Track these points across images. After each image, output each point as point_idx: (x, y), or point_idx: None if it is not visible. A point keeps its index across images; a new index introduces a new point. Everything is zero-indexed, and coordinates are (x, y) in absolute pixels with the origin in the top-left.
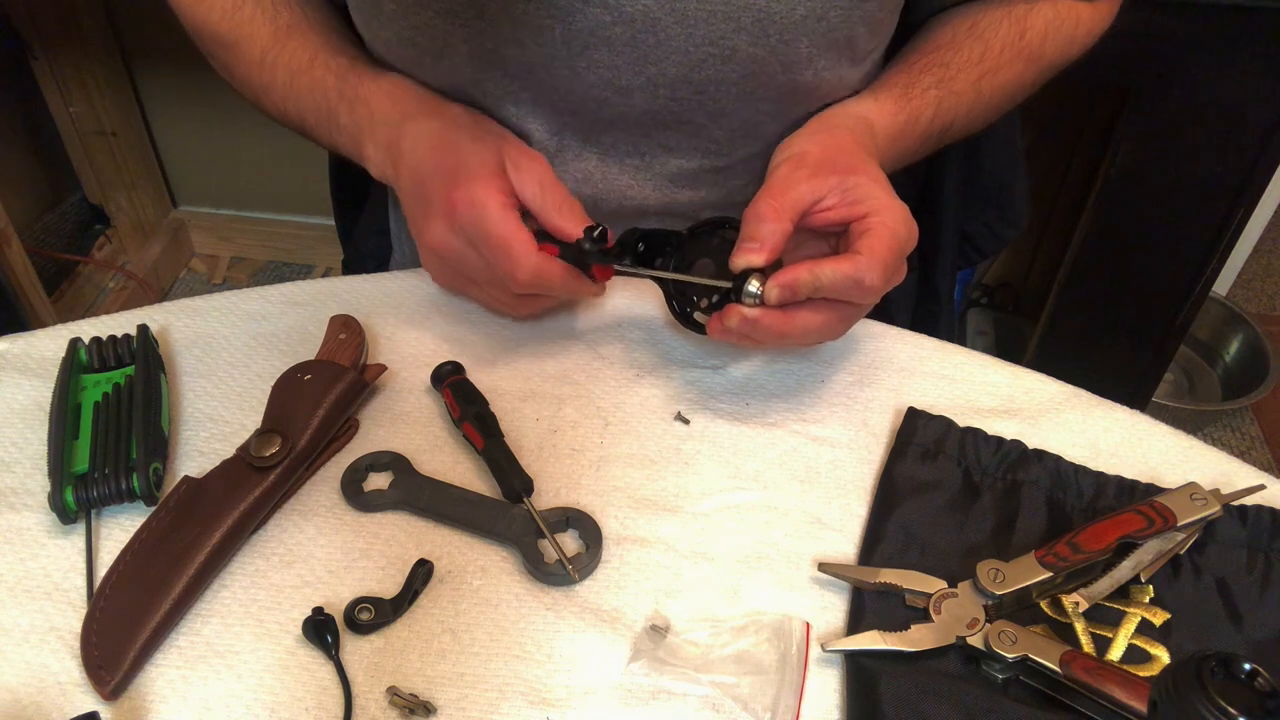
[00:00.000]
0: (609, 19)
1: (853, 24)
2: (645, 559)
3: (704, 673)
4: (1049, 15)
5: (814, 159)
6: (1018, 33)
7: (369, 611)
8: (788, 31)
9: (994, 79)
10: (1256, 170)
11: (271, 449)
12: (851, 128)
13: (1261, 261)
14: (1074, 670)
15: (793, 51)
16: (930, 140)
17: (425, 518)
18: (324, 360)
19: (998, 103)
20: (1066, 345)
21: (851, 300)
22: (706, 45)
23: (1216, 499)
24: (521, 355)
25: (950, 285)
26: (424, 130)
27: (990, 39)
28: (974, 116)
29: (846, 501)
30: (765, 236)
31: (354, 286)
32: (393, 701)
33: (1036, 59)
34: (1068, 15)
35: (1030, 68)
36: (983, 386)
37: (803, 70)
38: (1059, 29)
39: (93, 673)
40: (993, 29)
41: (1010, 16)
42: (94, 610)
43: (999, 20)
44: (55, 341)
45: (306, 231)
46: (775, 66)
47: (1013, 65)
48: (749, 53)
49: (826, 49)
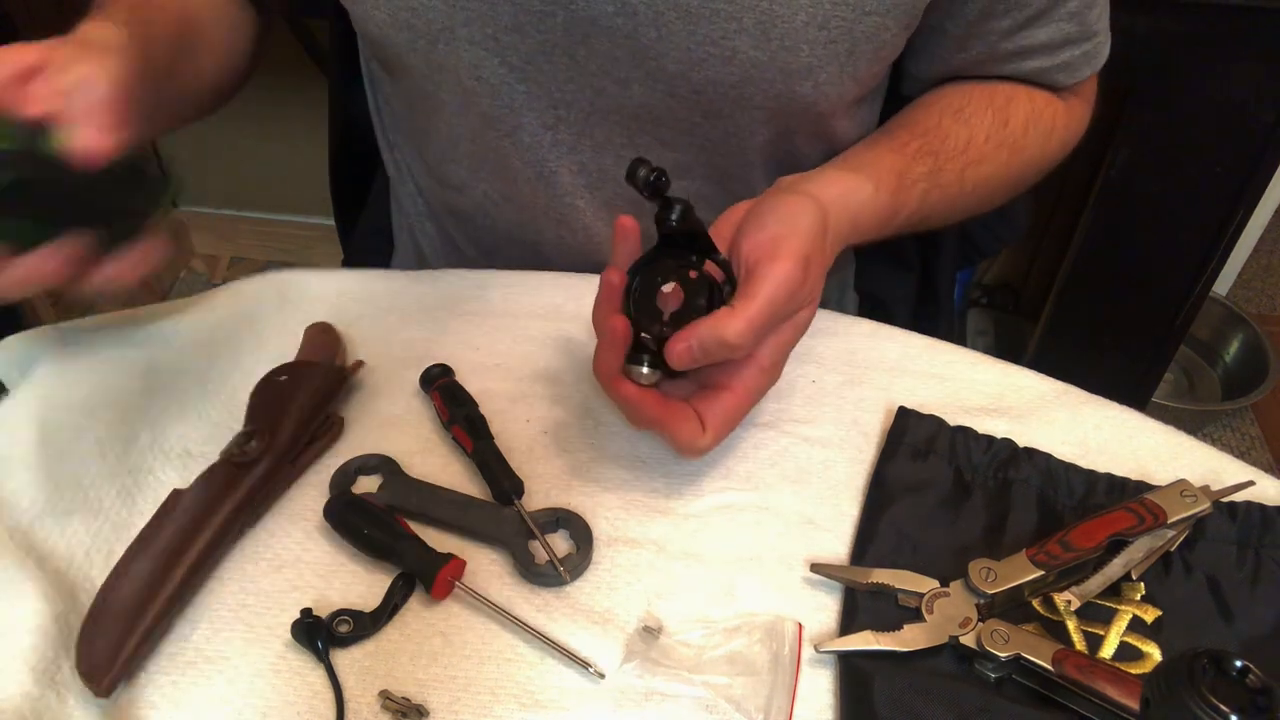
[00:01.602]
0: (611, 9)
1: (855, 37)
2: (637, 560)
3: (697, 674)
4: (1028, 108)
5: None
6: (1000, 121)
7: (348, 624)
8: (789, 37)
9: (978, 170)
10: (1256, 170)
11: (251, 446)
12: (836, 218)
13: (1261, 261)
14: (1066, 668)
15: (793, 58)
16: (909, 224)
17: (415, 521)
18: (302, 362)
19: (979, 196)
20: (1066, 345)
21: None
22: (708, 44)
23: (1206, 496)
24: (511, 357)
25: (950, 285)
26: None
27: (975, 127)
28: (954, 210)
29: (838, 502)
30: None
31: (342, 287)
32: (385, 705)
33: (1019, 150)
34: (1044, 109)
35: (1014, 158)
36: (973, 384)
37: (802, 80)
38: (1037, 122)
39: (84, 675)
40: (978, 116)
41: (993, 105)
42: (88, 618)
43: (983, 109)
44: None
45: (306, 231)
46: (775, 73)
47: (997, 154)
48: (749, 56)
49: (828, 60)
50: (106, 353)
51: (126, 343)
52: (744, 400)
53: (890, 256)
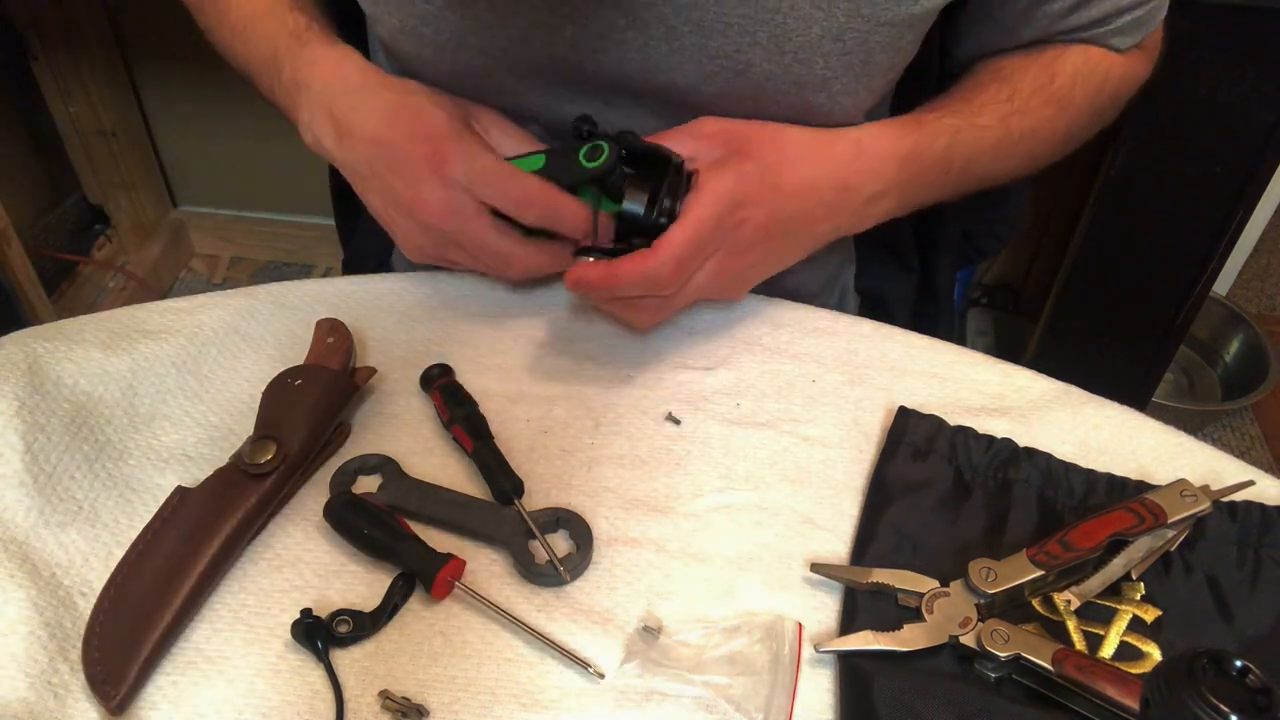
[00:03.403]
0: (623, 23)
1: (870, 48)
2: (636, 560)
3: (697, 674)
4: (1078, 61)
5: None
6: (1047, 78)
7: (348, 624)
8: (803, 50)
9: (1024, 119)
10: (1256, 170)
11: (266, 456)
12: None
13: (1261, 261)
14: (1066, 668)
15: (808, 71)
16: (952, 172)
17: (415, 520)
18: (314, 365)
19: (1030, 146)
20: (1066, 345)
21: (652, 295)
22: (720, 57)
23: (1206, 495)
24: (511, 357)
25: (950, 285)
26: (379, 101)
27: (1019, 83)
28: (1004, 156)
29: (838, 501)
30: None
31: (341, 289)
32: (385, 705)
33: (1066, 104)
34: (1098, 63)
35: (1061, 113)
36: (973, 384)
37: (816, 92)
38: (1088, 76)
39: (97, 688)
40: (1020, 73)
41: (1038, 63)
42: (94, 624)
43: (1026, 66)
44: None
45: (306, 231)
46: (789, 85)
47: (1043, 109)
48: (763, 69)
49: (843, 72)
50: (99, 355)
51: (120, 344)
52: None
53: (890, 256)
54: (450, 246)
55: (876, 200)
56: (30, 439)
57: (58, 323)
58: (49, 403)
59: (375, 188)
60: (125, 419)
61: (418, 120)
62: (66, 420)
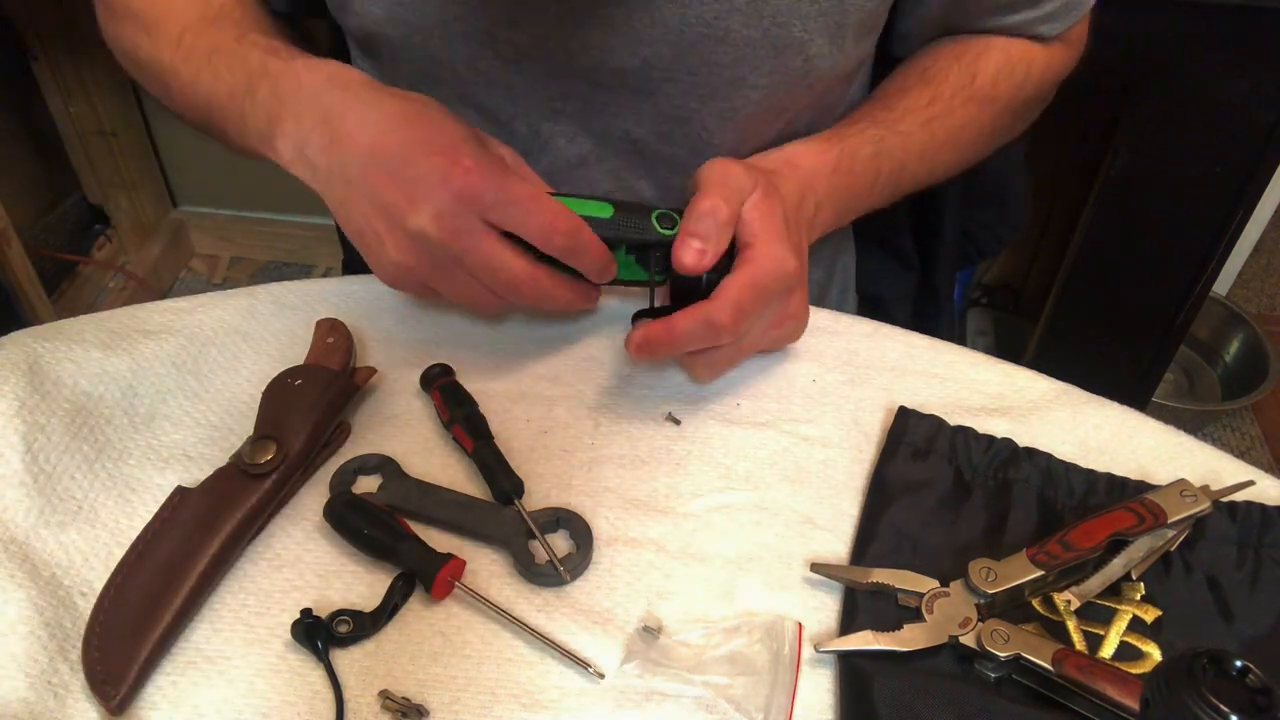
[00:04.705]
0: None
1: (845, 9)
2: (636, 560)
3: (697, 674)
4: (999, 59)
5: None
6: (968, 77)
7: (347, 624)
8: (781, 13)
9: (947, 121)
10: (1256, 170)
11: (266, 456)
12: (775, 168)
13: (1261, 261)
14: (1066, 668)
15: (785, 34)
16: (881, 181)
17: (415, 520)
18: (314, 365)
19: (956, 146)
20: (1066, 345)
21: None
22: (700, 26)
23: (1206, 495)
24: (511, 357)
25: (950, 285)
26: (384, 106)
27: (940, 85)
28: (930, 159)
29: (838, 501)
30: (709, 233)
31: (341, 289)
32: (385, 705)
33: (989, 101)
34: (1019, 57)
35: (984, 110)
36: (973, 384)
37: (794, 56)
38: (1011, 72)
39: (97, 688)
40: (942, 75)
41: (960, 62)
42: (94, 624)
43: (948, 66)
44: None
45: (306, 231)
46: (767, 50)
47: (965, 108)
48: (742, 34)
49: (819, 33)
50: (99, 355)
51: (120, 344)
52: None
53: (890, 256)
54: (438, 270)
55: (817, 212)
56: (30, 439)
57: (58, 323)
58: (49, 403)
59: (360, 197)
60: (125, 419)
61: (436, 132)
62: (66, 420)
